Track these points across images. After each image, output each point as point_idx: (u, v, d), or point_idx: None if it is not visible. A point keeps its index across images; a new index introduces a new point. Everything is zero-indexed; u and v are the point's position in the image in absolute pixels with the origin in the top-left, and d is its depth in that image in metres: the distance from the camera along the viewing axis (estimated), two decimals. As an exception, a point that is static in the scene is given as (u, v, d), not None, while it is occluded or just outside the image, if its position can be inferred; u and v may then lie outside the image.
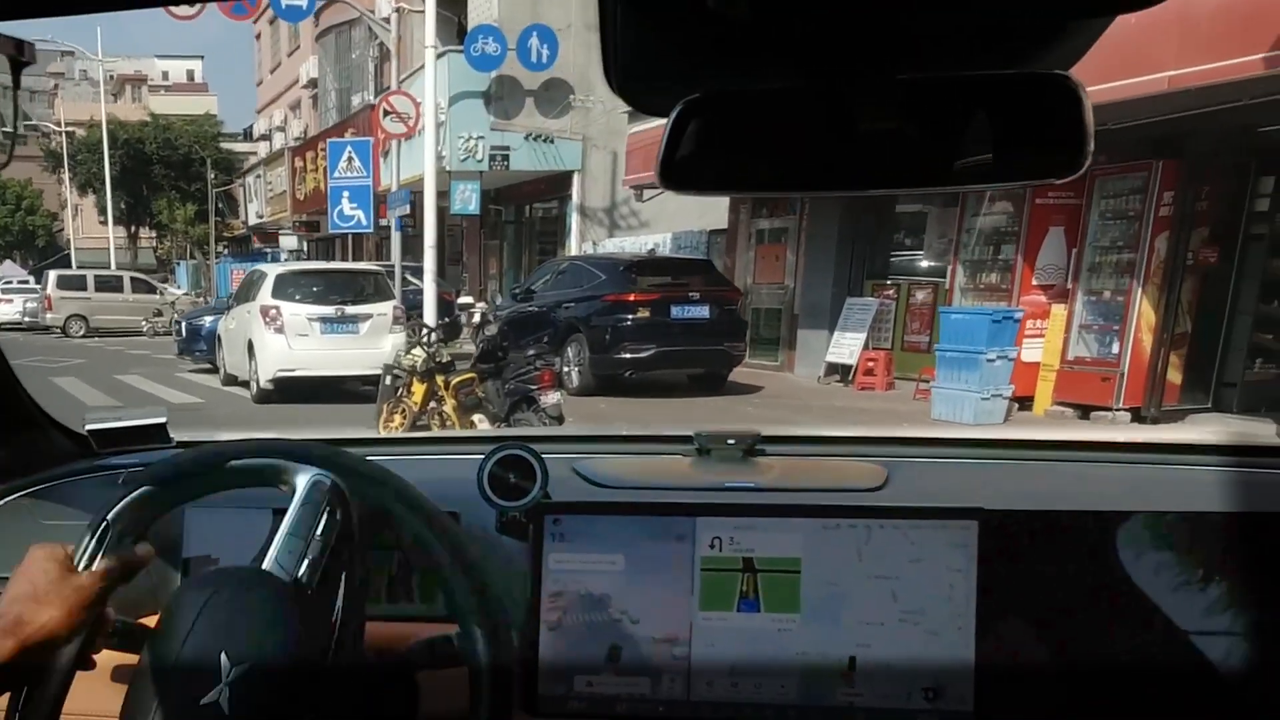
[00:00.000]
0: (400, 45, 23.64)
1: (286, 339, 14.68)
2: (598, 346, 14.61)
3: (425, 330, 11.63)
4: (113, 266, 40.88)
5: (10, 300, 35.10)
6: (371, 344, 14.54)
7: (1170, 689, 1.54)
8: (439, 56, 19.44)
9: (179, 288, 38.60)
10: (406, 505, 1.40)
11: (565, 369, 14.70)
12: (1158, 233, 11.24)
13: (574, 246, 22.20)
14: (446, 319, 16.36)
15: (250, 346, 15.14)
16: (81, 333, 29.91)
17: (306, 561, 1.32)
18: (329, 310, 14.89)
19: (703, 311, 14.58)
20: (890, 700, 1.52)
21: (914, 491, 1.73)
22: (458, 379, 10.23)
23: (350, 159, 21.25)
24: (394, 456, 1.88)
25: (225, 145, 55.37)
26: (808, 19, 0.80)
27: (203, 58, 79.58)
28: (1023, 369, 12.16)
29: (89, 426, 1.89)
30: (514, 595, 1.53)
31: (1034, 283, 12.90)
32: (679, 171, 0.93)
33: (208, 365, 18.02)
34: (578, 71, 21.36)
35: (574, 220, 22.43)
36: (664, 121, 0.91)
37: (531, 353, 10.45)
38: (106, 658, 1.37)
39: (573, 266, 16.59)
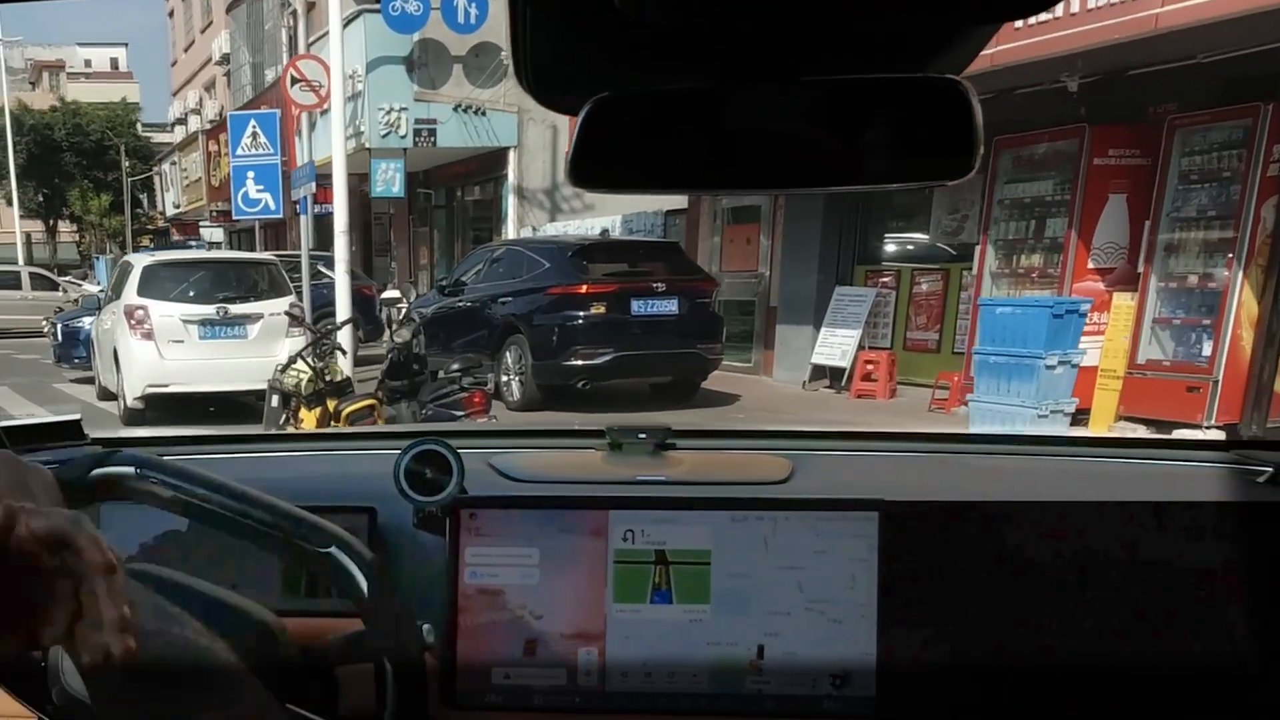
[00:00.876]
0: (313, 7, 21.95)
1: (157, 346, 12.38)
2: (542, 351, 12.50)
3: (312, 337, 9.13)
4: (20, 261, 39.79)
5: None
6: (263, 350, 12.28)
7: (1065, 677, 1.56)
8: (352, 18, 17.93)
9: (97, 284, 36.74)
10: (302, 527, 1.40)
11: (504, 377, 12.70)
12: (1265, 198, 8.89)
13: (511, 232, 20.54)
14: (355, 318, 14.20)
15: (116, 356, 12.86)
16: None
17: None
18: (209, 310, 12.59)
19: (670, 306, 12.41)
20: (797, 688, 1.56)
21: (818, 484, 1.78)
22: (351, 407, 7.93)
23: (255, 134, 18.61)
24: (309, 453, 1.98)
25: (148, 134, 54.60)
26: (714, 22, 0.82)
27: (127, 45, 79.56)
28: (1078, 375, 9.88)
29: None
30: (431, 590, 1.56)
31: (1089, 265, 10.53)
32: (588, 170, 0.95)
33: (88, 374, 15.66)
34: (511, 33, 19.32)
35: (510, 203, 20.78)
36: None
37: (456, 367, 8.57)
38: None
39: (510, 253, 14.35)
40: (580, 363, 12.22)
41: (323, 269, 17.68)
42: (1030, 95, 10.33)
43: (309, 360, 8.91)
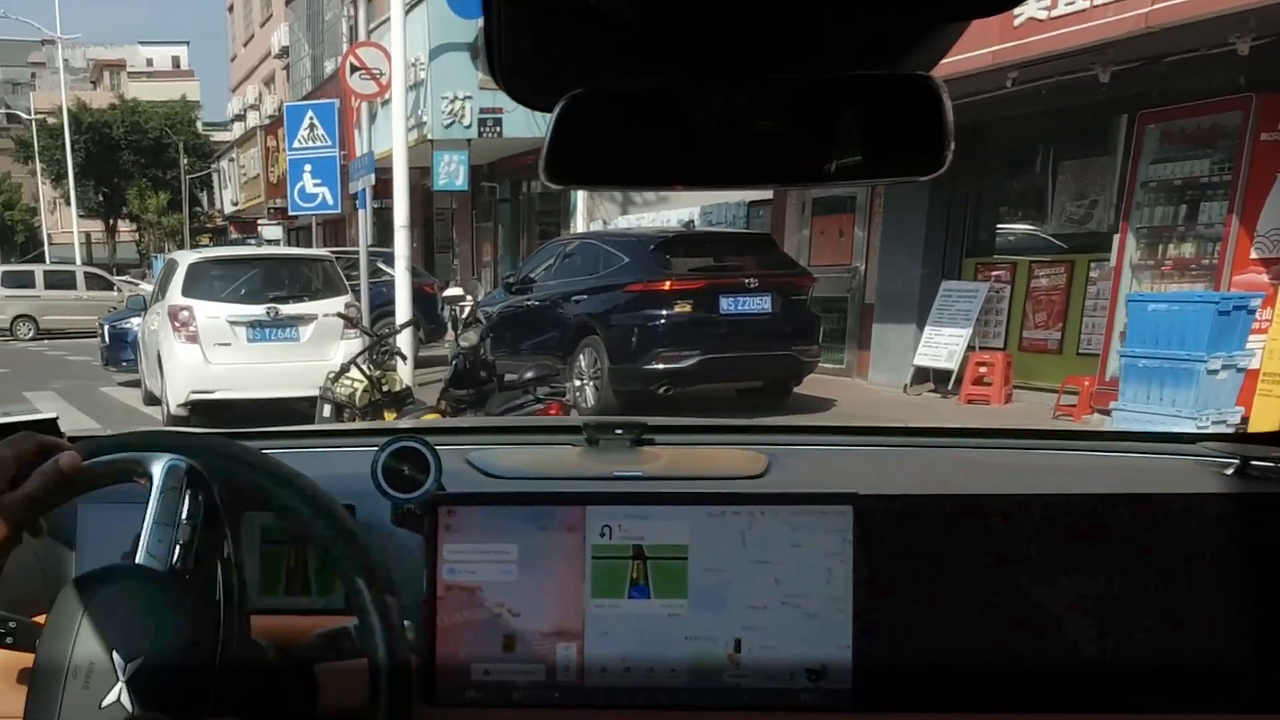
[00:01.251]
0: (374, -9, 21.35)
1: (202, 349, 11.49)
2: (620, 353, 11.47)
3: (368, 342, 8.21)
4: (78, 261, 40.32)
5: None
6: (315, 354, 11.42)
7: (1039, 668, 1.58)
8: (415, 3, 17.30)
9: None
10: (276, 481, 1.41)
11: (576, 382, 11.71)
12: None
13: (580, 226, 19.49)
14: (416, 319, 13.40)
15: (159, 359, 11.96)
16: (30, 335, 28.47)
17: (178, 547, 1.34)
18: (258, 311, 11.63)
19: (763, 304, 11.25)
20: (774, 681, 1.57)
21: (794, 479, 1.80)
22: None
23: (312, 126, 17.70)
24: (287, 449, 1.91)
25: (207, 132, 55.16)
26: (688, 19, 0.83)
27: (188, 43, 79.68)
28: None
29: None
30: (410, 587, 1.54)
31: (1252, 255, 9.26)
32: (562, 166, 0.95)
33: (136, 377, 14.93)
34: (585, 15, 18.60)
35: (579, 196, 19.61)
36: None
37: (530, 375, 7.75)
38: (7, 658, 1.48)
39: (584, 247, 13.24)
40: (662, 366, 11.18)
41: (382, 266, 16.86)
42: (1182, 62, 9.15)
43: (364, 368, 7.98)
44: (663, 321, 11.22)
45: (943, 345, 12.20)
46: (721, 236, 13.77)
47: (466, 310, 11.75)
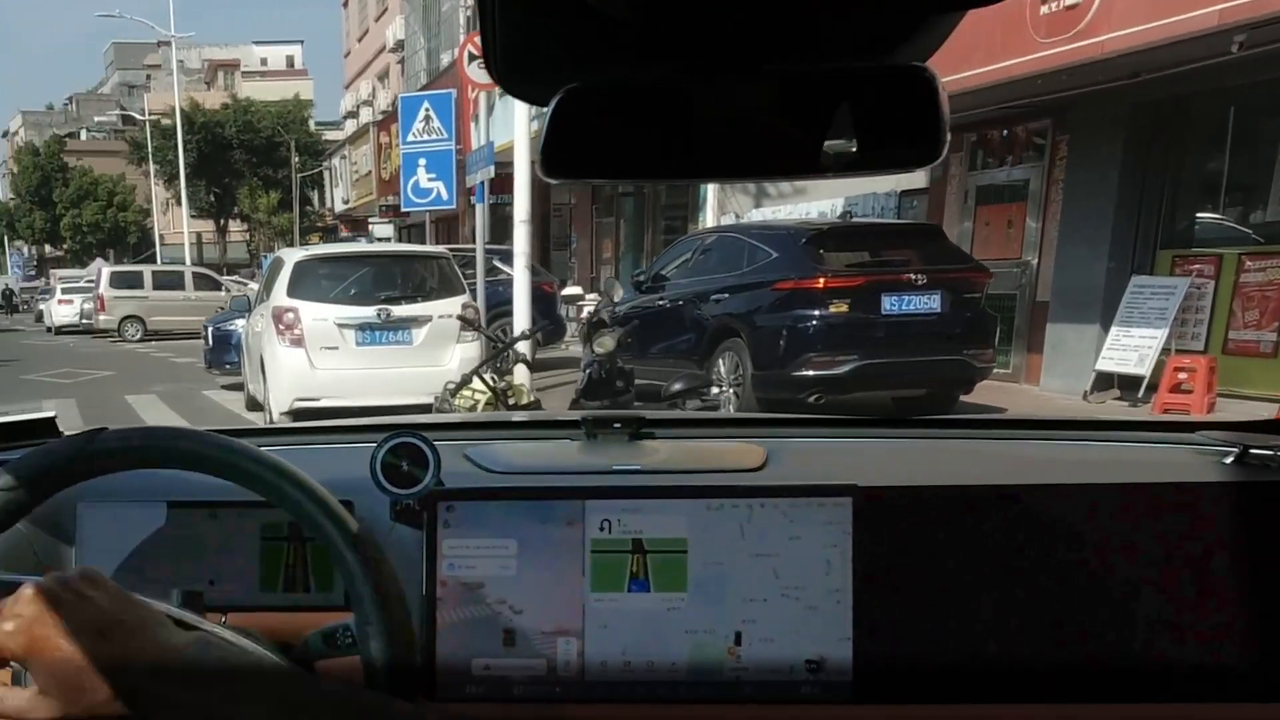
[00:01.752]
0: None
1: (307, 353, 10.76)
2: (766, 358, 10.46)
3: (491, 350, 7.31)
4: (188, 261, 40.92)
5: (70, 301, 34.51)
6: (429, 359, 10.78)
7: (1039, 659, 1.59)
8: None
9: (263, 283, 37.45)
10: (302, 492, 1.34)
11: (716, 390, 10.60)
12: None
13: (710, 220, 18.52)
14: (544, 327, 12.35)
15: (263, 364, 11.27)
16: (138, 335, 28.62)
17: None
18: (369, 313, 10.82)
19: (931, 303, 10.09)
20: (774, 673, 1.58)
21: (793, 471, 1.80)
22: None
23: (428, 118, 17.09)
24: (284, 446, 1.99)
25: (319, 130, 55.95)
26: (682, 12, 0.84)
27: (302, 42, 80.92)
28: None
29: None
30: (409, 583, 1.50)
31: None
32: (558, 159, 0.97)
33: (239, 380, 14.45)
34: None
35: (709, 188, 18.77)
36: None
37: (678, 387, 7.03)
38: None
39: (725, 241, 12.10)
40: (813, 373, 10.13)
41: (498, 264, 16.11)
42: None
43: (488, 378, 6.95)
44: (815, 323, 10.17)
45: (1132, 348, 10.96)
46: (884, 228, 12.58)
47: (586, 310, 10.85)
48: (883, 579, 1.56)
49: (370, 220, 35.59)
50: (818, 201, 16.51)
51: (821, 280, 10.15)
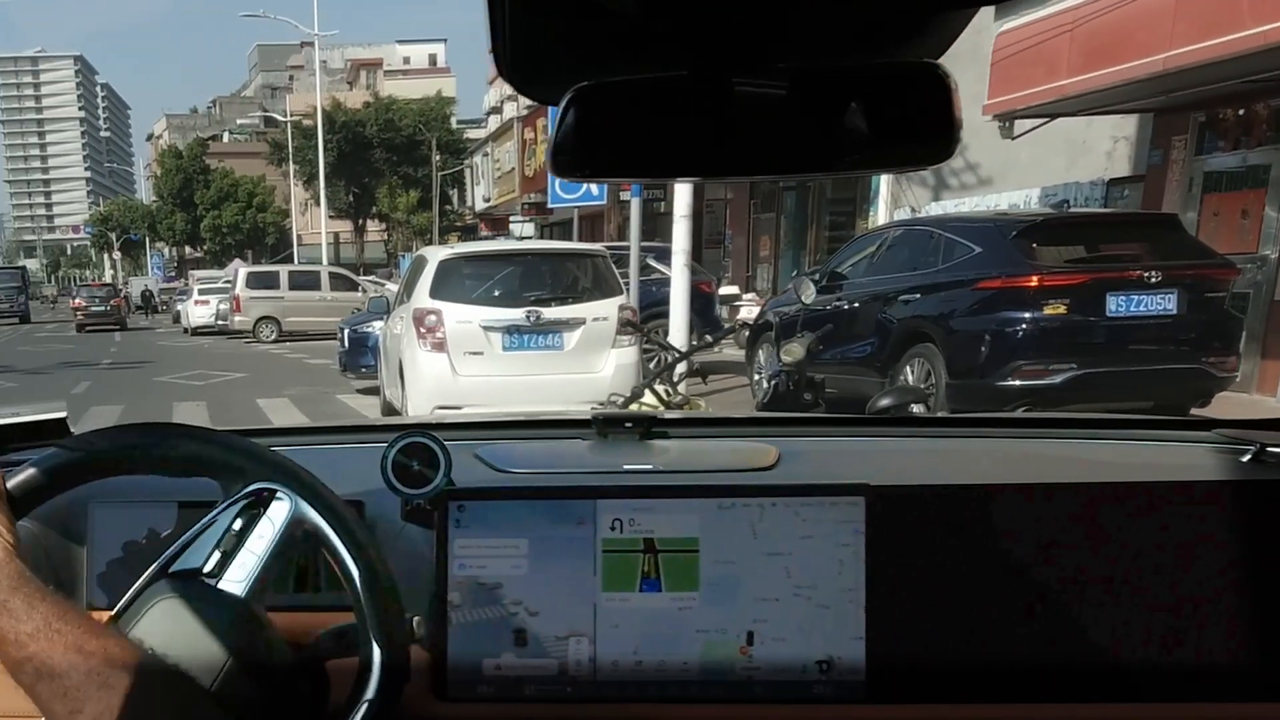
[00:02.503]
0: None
1: (449, 358, 9.87)
2: (964, 365, 9.44)
3: (666, 359, 8.01)
4: (324, 260, 41.43)
5: (206, 302, 34.77)
6: (583, 365, 9.94)
7: (1053, 658, 1.58)
8: None
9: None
10: (316, 499, 1.40)
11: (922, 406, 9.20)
12: None
13: (882, 215, 17.66)
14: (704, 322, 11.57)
15: (401, 368, 10.47)
16: (273, 336, 28.35)
17: (256, 576, 1.36)
18: (517, 315, 9.90)
19: (1166, 303, 8.87)
20: (786, 673, 1.58)
21: (805, 471, 1.81)
22: None
23: None
24: (295, 446, 1.98)
25: (461, 127, 56.44)
26: (693, 9, 0.85)
27: (445, 40, 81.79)
28: None
29: None
30: (420, 582, 1.58)
31: None
32: (569, 158, 0.98)
33: (375, 383, 13.93)
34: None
35: (882, 179, 17.93)
36: None
37: (887, 402, 5.85)
38: None
39: (914, 235, 11.05)
40: (1020, 383, 9.06)
41: (651, 263, 15.46)
42: None
43: (662, 392, 5.97)
44: (1025, 326, 9.08)
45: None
46: (1108, 219, 11.26)
47: (743, 311, 9.96)
48: (896, 578, 1.56)
49: (511, 218, 36.13)
50: (1008, 193, 15.52)
51: (1035, 278, 9.05)
